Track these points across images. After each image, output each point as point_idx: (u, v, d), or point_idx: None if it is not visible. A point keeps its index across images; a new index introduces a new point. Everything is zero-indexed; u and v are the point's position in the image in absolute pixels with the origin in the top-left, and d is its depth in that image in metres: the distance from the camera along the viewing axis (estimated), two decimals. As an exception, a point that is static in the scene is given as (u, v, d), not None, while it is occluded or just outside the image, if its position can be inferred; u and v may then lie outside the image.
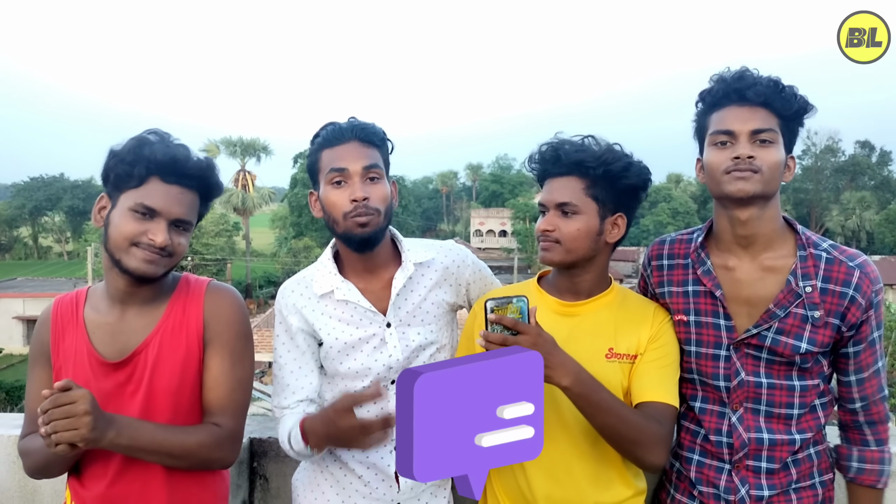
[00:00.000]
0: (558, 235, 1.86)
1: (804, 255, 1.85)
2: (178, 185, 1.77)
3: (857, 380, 1.88)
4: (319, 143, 1.96)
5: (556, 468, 1.90)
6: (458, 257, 2.10)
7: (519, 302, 1.64)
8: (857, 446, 1.93)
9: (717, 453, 1.94)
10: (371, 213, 1.87)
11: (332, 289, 1.96)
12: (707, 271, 1.94)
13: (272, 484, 2.44)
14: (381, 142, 1.97)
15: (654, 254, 2.10)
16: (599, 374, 1.86)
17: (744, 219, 1.84)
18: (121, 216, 1.75)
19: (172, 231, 1.77)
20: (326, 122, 2.00)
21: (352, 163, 1.88)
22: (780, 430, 1.89)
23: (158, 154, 1.75)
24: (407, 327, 1.98)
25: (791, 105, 1.81)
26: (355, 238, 1.90)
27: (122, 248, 1.74)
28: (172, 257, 1.78)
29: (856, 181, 75.60)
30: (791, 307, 1.83)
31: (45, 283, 42.00)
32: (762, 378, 1.88)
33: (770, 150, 1.79)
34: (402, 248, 2.03)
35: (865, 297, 1.81)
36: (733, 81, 1.83)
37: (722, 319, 1.91)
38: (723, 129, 1.82)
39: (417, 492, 2.01)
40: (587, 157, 1.84)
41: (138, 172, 1.74)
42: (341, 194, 1.88)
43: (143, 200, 1.74)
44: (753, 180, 1.77)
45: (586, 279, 1.93)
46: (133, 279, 1.78)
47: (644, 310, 1.99)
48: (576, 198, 1.85)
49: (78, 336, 1.83)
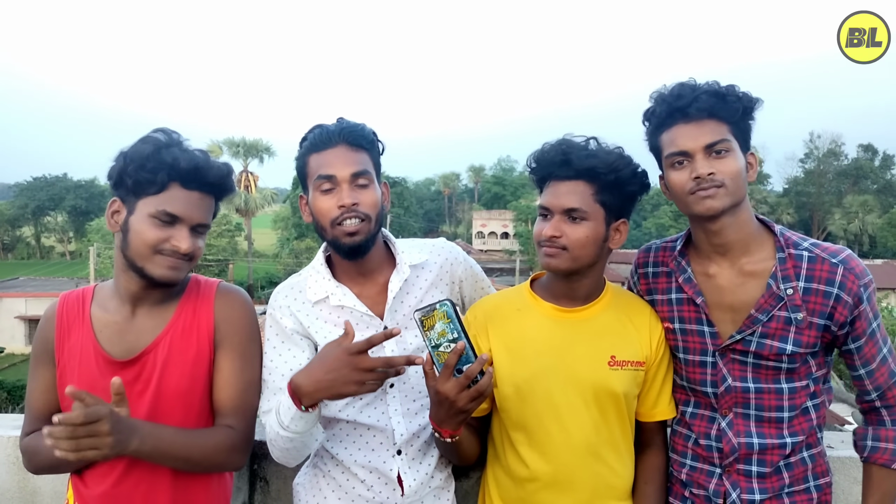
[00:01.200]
0: (565, 242, 1.82)
1: (783, 258, 1.84)
2: (199, 192, 1.78)
3: (867, 372, 1.88)
4: (307, 147, 1.92)
5: (560, 482, 1.89)
6: (451, 255, 2.10)
7: (443, 307, 1.63)
8: (872, 426, 1.92)
9: (708, 457, 1.94)
10: (361, 217, 1.85)
11: (326, 294, 1.94)
12: (688, 279, 1.93)
13: (272, 486, 2.44)
14: (370, 144, 1.92)
15: (640, 262, 2.10)
16: (602, 382, 1.86)
17: (717, 229, 1.84)
18: (141, 223, 1.74)
19: (193, 236, 1.78)
20: (314, 124, 1.96)
21: (340, 169, 1.85)
22: (770, 434, 1.88)
23: (182, 161, 1.75)
24: (404, 330, 1.96)
25: (736, 109, 1.79)
26: (344, 247, 1.87)
27: (145, 255, 1.75)
28: (193, 260, 1.80)
29: (858, 185, 75.46)
30: (773, 311, 1.82)
31: (48, 283, 41.99)
32: (749, 383, 1.88)
33: (728, 160, 1.78)
34: (396, 251, 2.01)
35: (852, 293, 1.79)
36: (674, 100, 1.82)
37: (706, 326, 1.91)
38: (676, 151, 1.81)
39: (421, 494, 2.00)
40: (599, 164, 1.80)
41: (161, 179, 1.73)
42: (329, 201, 1.85)
43: (166, 207, 1.74)
44: (719, 195, 1.77)
45: (585, 284, 1.92)
46: (152, 283, 1.79)
47: (641, 312, 1.98)
48: (585, 204, 1.81)
49: (84, 334, 1.83)
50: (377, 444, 1.96)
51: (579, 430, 1.87)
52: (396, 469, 1.96)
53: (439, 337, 1.63)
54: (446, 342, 1.63)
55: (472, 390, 1.63)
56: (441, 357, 1.63)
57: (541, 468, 1.89)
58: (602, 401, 1.87)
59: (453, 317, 1.62)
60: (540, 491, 1.90)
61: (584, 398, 1.87)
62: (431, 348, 1.64)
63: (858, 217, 66.91)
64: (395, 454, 1.96)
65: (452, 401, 1.64)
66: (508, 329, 1.94)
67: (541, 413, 1.88)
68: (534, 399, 1.88)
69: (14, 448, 2.57)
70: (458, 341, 1.62)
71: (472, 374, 1.62)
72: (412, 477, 1.97)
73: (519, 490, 1.93)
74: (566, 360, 1.88)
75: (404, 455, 1.97)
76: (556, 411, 1.87)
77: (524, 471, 1.91)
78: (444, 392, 1.64)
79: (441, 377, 1.64)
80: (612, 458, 1.92)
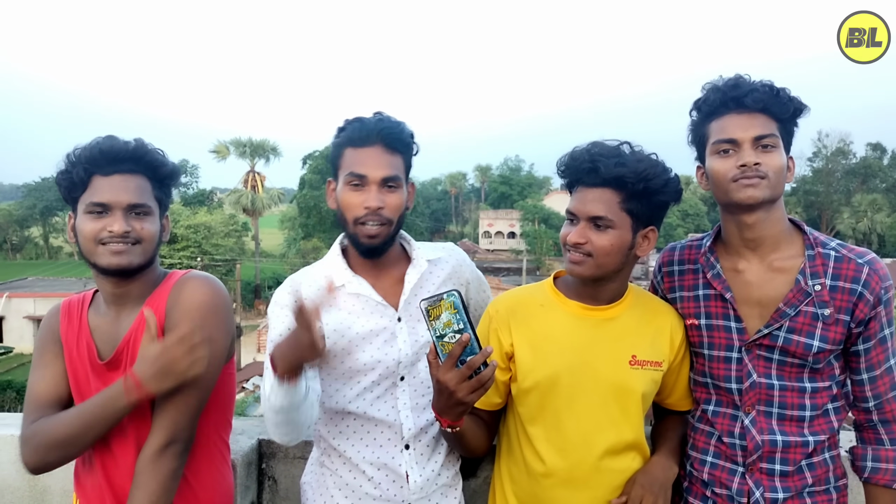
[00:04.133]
0: (590, 249, 1.82)
1: (812, 255, 1.86)
2: (119, 174, 1.80)
3: (870, 378, 1.88)
4: (345, 139, 1.93)
5: (576, 478, 1.91)
6: (460, 257, 2.16)
7: (450, 297, 1.63)
8: (871, 445, 1.92)
9: (731, 455, 1.93)
10: (383, 222, 1.88)
11: (342, 283, 1.97)
12: (717, 275, 1.94)
13: (280, 485, 2.45)
14: (405, 147, 1.94)
15: (664, 260, 2.11)
16: (623, 381, 1.88)
17: (751, 223, 1.85)
18: (81, 222, 1.80)
19: (131, 218, 1.79)
20: (353, 117, 1.96)
21: (372, 170, 1.87)
22: (792, 432, 1.88)
23: (88, 152, 1.79)
24: (417, 322, 1.98)
25: (788, 108, 1.83)
26: (362, 246, 1.92)
27: (91, 249, 1.78)
28: (142, 243, 1.80)
29: (867, 184, 75.08)
30: (801, 305, 1.83)
31: (56, 283, 42.22)
32: (774, 380, 1.88)
33: (773, 155, 1.81)
34: (412, 247, 2.05)
35: (874, 293, 1.82)
36: (729, 90, 1.84)
37: (733, 322, 1.91)
38: (725, 139, 1.83)
39: (428, 491, 2.00)
40: (627, 173, 1.79)
41: (79, 176, 1.78)
42: (356, 198, 1.88)
43: (92, 199, 1.78)
44: (761, 186, 1.79)
45: (609, 289, 1.93)
46: (113, 277, 1.81)
47: (663, 314, 2.00)
48: (611, 212, 1.81)
49: (81, 337, 1.87)
50: (385, 439, 1.97)
51: (598, 427, 1.88)
52: (404, 464, 1.97)
53: (444, 327, 1.63)
54: (451, 332, 1.63)
55: (474, 381, 1.63)
56: (445, 347, 1.63)
57: (558, 464, 1.90)
58: (622, 400, 1.89)
59: (460, 307, 1.62)
60: (556, 487, 1.90)
61: (605, 397, 1.88)
62: (436, 338, 1.64)
63: (867, 216, 66.57)
64: (402, 449, 1.97)
65: (452, 391, 1.64)
66: (531, 325, 1.94)
67: (560, 409, 1.89)
68: (554, 395, 1.89)
69: (24, 447, 2.58)
70: (464, 332, 1.62)
71: (474, 364, 1.62)
72: (418, 473, 1.97)
73: (534, 486, 1.93)
74: (588, 359, 1.89)
75: (412, 450, 1.97)
76: (576, 408, 1.88)
77: (540, 466, 1.91)
78: (444, 381, 1.64)
79: (444, 366, 1.64)
80: (629, 456, 1.94)
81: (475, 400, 1.68)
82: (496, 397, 1.97)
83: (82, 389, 1.84)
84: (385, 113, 1.97)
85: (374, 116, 1.94)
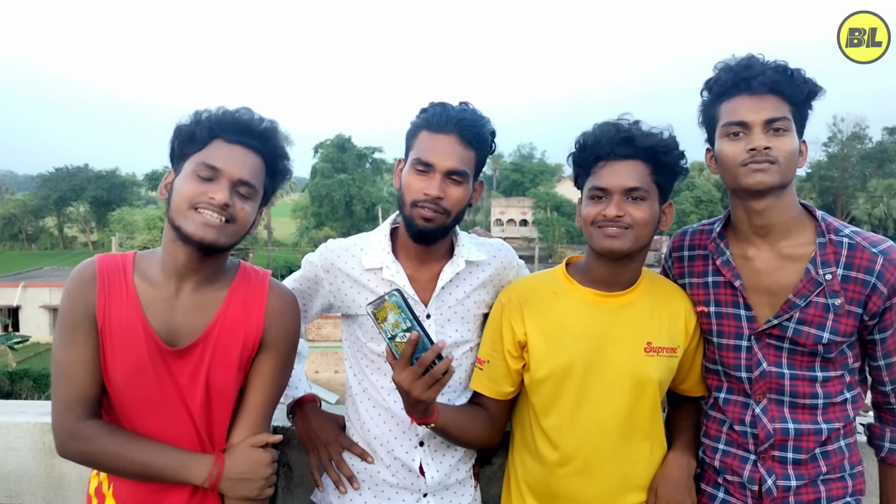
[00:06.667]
0: (630, 221, 1.79)
1: (823, 242, 1.81)
2: (241, 146, 1.73)
3: (886, 364, 1.86)
4: (423, 121, 1.89)
5: (590, 467, 1.89)
6: (507, 259, 2.09)
7: (391, 297, 1.60)
8: (889, 426, 1.91)
9: (743, 443, 1.92)
10: (440, 212, 1.84)
11: (381, 266, 1.94)
12: (726, 261, 1.91)
13: (296, 472, 2.45)
14: (481, 143, 1.89)
15: (675, 245, 2.08)
16: (638, 368, 1.86)
17: (760, 209, 1.81)
18: (183, 180, 1.71)
19: (235, 195, 1.71)
20: (438, 101, 1.92)
21: (440, 159, 1.83)
22: (805, 419, 1.86)
23: (223, 116, 1.73)
24: (447, 322, 1.96)
25: (801, 90, 1.78)
26: (415, 228, 1.87)
27: (182, 210, 1.68)
28: (235, 224, 1.71)
29: (883, 168, 74.15)
30: (812, 296, 1.80)
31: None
32: (784, 369, 1.86)
33: (785, 139, 1.76)
34: (458, 243, 1.99)
35: (888, 284, 1.77)
36: (741, 70, 1.79)
37: (742, 310, 1.89)
38: (735, 121, 1.79)
39: (446, 483, 2.00)
40: (658, 143, 1.78)
41: (200, 134, 1.71)
42: (419, 183, 1.85)
43: (205, 160, 1.70)
44: (771, 171, 1.75)
45: (630, 269, 1.90)
46: (194, 249, 1.70)
47: (677, 299, 1.97)
48: (645, 183, 1.80)
49: (130, 307, 1.72)
50: (400, 432, 1.97)
51: (613, 416, 1.86)
52: (419, 460, 1.96)
53: (394, 328, 1.61)
54: (401, 332, 1.61)
55: (427, 377, 1.61)
56: (399, 347, 1.62)
57: (572, 453, 1.88)
58: (637, 387, 1.87)
59: (403, 307, 1.59)
60: (569, 476, 1.89)
61: (621, 385, 1.86)
62: (388, 340, 1.63)
63: (883, 201, 65.83)
64: (417, 445, 1.97)
65: (407, 390, 1.63)
66: (545, 313, 1.92)
67: (575, 398, 1.87)
68: (569, 385, 1.87)
69: (41, 434, 2.60)
70: (412, 330, 1.60)
71: (425, 361, 1.60)
72: (435, 468, 1.97)
73: (547, 475, 1.92)
74: (603, 346, 1.87)
75: (427, 447, 1.97)
76: (591, 397, 1.86)
77: (554, 455, 1.90)
78: (398, 382, 1.63)
79: (397, 367, 1.62)
80: (644, 446, 1.92)
81: (433, 397, 1.66)
82: (508, 386, 1.95)
83: (135, 377, 1.70)
84: (471, 105, 1.93)
85: (459, 105, 1.91)
